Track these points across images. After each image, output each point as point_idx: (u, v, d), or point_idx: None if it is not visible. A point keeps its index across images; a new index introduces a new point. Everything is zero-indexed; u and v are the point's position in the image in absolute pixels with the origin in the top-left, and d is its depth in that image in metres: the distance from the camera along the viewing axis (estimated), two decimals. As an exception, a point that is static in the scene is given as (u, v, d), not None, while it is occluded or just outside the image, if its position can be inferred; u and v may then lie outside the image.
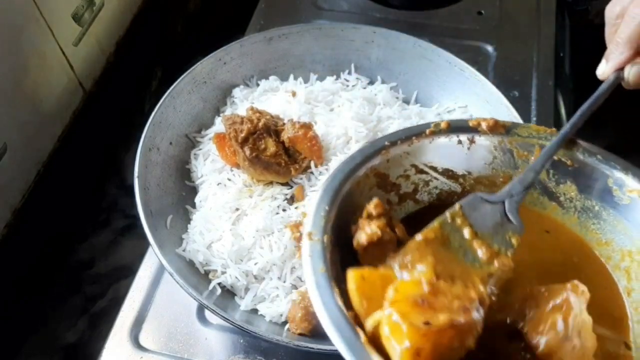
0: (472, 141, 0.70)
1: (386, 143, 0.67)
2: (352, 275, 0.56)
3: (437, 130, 0.69)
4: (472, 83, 0.97)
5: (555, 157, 0.69)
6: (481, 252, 0.61)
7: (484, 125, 0.70)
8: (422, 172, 0.71)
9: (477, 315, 0.54)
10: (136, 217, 0.81)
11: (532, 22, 1.26)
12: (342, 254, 0.61)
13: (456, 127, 0.70)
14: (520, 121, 0.90)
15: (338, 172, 0.64)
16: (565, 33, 1.34)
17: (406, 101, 1.03)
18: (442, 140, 0.70)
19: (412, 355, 0.50)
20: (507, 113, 0.92)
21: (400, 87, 1.03)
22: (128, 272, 1.00)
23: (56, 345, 1.01)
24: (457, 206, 0.63)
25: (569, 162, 0.69)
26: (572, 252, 0.70)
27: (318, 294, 0.54)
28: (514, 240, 0.63)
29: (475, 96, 0.97)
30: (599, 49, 0.80)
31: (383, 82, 1.04)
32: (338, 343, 0.51)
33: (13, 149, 0.93)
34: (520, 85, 1.14)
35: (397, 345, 0.50)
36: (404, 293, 0.54)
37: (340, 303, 0.53)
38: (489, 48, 1.21)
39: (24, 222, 0.98)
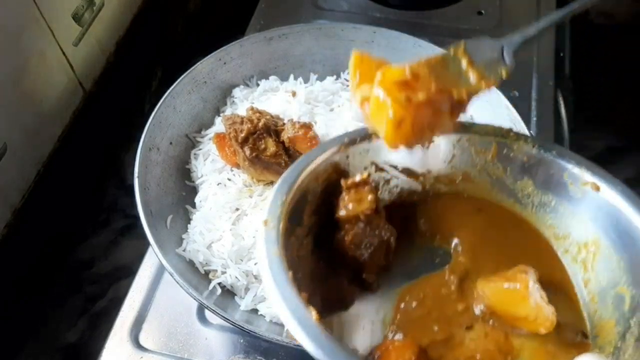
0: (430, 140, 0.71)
1: (346, 140, 0.68)
2: (354, 55, 0.64)
3: None
4: (472, 83, 0.97)
5: (511, 154, 0.71)
6: (473, 77, 0.67)
7: None
8: (382, 170, 0.71)
9: (445, 108, 0.63)
10: (136, 217, 0.81)
11: (532, 22, 1.26)
12: (314, 233, 0.64)
13: None
14: (521, 121, 0.90)
15: (298, 164, 0.65)
16: (565, 33, 1.34)
17: (406, 101, 1.03)
18: None
19: (394, 124, 0.59)
20: (507, 113, 0.92)
21: (400, 87, 1.03)
22: (128, 272, 1.00)
23: (56, 346, 1.01)
24: (462, 42, 0.68)
25: (525, 159, 0.70)
26: (528, 244, 0.72)
27: (271, 274, 0.55)
28: (503, 72, 0.68)
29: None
30: (599, 49, 0.80)
31: (383, 82, 1.04)
32: (290, 322, 0.52)
33: (13, 149, 0.93)
34: (520, 85, 1.14)
35: (383, 118, 0.60)
36: (390, 77, 0.61)
37: (293, 284, 0.55)
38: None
39: (24, 222, 0.98)
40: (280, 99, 0.98)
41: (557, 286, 0.67)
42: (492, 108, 0.95)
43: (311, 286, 0.60)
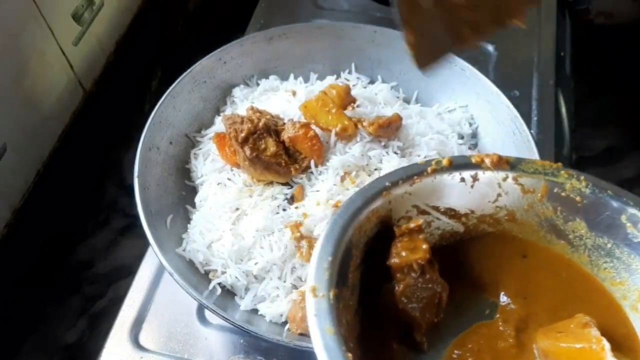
0: (475, 179, 0.67)
1: (387, 184, 0.64)
2: None
3: (439, 169, 0.67)
4: (473, 82, 0.97)
5: (563, 194, 0.67)
6: None
7: (487, 162, 0.67)
8: (424, 212, 0.68)
9: None
10: (136, 217, 0.81)
11: (532, 21, 1.26)
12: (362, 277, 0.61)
13: (458, 165, 0.67)
14: (521, 120, 0.90)
15: (338, 217, 0.60)
16: (565, 32, 1.34)
17: (407, 101, 1.03)
18: (445, 178, 0.67)
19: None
20: (508, 112, 0.92)
21: (400, 86, 1.03)
22: (128, 272, 1.00)
23: (56, 345, 1.01)
24: None
25: (577, 199, 0.66)
26: (581, 289, 0.68)
27: (327, 358, 0.51)
28: None
29: (476, 96, 0.97)
30: (599, 49, 0.80)
31: (383, 81, 1.04)
32: None
33: (13, 149, 0.93)
34: (520, 85, 1.14)
35: None
36: None
37: None
38: (490, 47, 1.21)
39: (24, 222, 0.98)
40: (280, 99, 0.97)
41: (620, 340, 0.63)
42: (492, 108, 0.95)
43: (359, 351, 0.56)
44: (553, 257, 0.66)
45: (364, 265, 0.63)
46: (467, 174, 0.67)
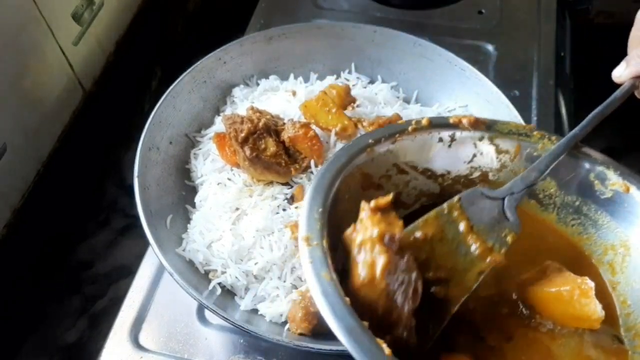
0: (453, 138, 0.70)
1: (370, 141, 0.66)
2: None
3: (419, 128, 0.69)
4: (473, 82, 0.97)
5: (535, 154, 0.69)
6: (475, 247, 0.62)
7: (464, 122, 0.70)
8: (403, 171, 0.70)
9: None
10: (136, 217, 0.81)
11: (532, 21, 1.26)
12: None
13: (437, 124, 0.70)
14: (521, 120, 0.90)
15: (326, 170, 0.62)
16: (565, 32, 1.34)
17: (407, 100, 1.03)
18: (425, 137, 0.69)
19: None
20: (508, 112, 0.92)
21: (400, 86, 1.03)
22: (128, 272, 1.00)
23: (56, 345, 1.01)
24: (455, 198, 0.63)
25: None
26: (551, 242, 0.71)
27: (327, 304, 0.51)
28: (509, 238, 0.63)
29: (476, 95, 0.97)
30: (599, 49, 0.80)
31: (383, 81, 1.04)
32: (361, 358, 0.48)
33: (13, 149, 0.93)
34: (520, 85, 1.14)
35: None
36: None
37: (353, 313, 0.51)
38: (490, 47, 1.21)
39: (24, 222, 0.98)
40: (280, 99, 0.97)
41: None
42: (492, 107, 0.95)
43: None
44: (523, 214, 0.67)
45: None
46: (445, 134, 0.70)
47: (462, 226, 0.62)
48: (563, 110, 1.19)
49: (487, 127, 0.70)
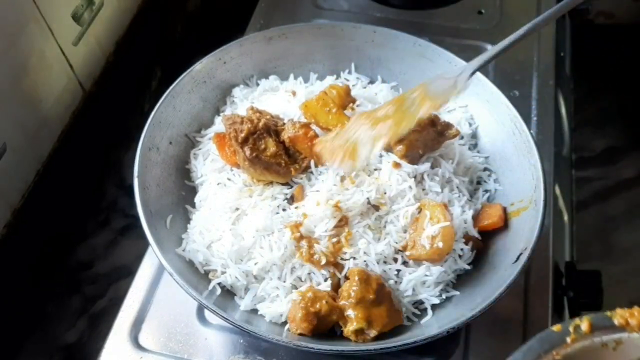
0: (619, 342, 0.62)
1: None
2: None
3: (579, 337, 0.62)
4: (473, 82, 0.97)
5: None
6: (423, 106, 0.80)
7: (632, 323, 0.62)
8: None
9: None
10: (136, 217, 0.81)
11: (532, 20, 1.26)
12: None
13: (599, 327, 0.62)
14: (521, 120, 0.90)
15: None
16: (565, 33, 1.34)
17: (406, 101, 1.03)
18: (585, 344, 0.62)
19: None
20: (507, 113, 0.92)
21: (400, 86, 1.03)
22: (128, 272, 1.00)
23: (56, 346, 1.01)
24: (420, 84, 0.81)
25: None
26: None
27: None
28: (452, 94, 0.81)
29: (476, 96, 0.97)
30: (599, 49, 0.80)
31: (383, 81, 1.04)
32: None
33: (13, 149, 0.93)
34: (520, 85, 1.14)
35: None
36: None
37: None
38: (489, 47, 1.20)
39: (24, 222, 0.98)
40: (280, 99, 0.97)
41: None
42: (492, 107, 0.95)
43: None
44: None
45: None
46: (608, 338, 0.62)
47: (416, 94, 0.81)
48: (563, 110, 1.19)
49: None
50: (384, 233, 0.83)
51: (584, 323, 0.62)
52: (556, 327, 0.63)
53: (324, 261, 0.80)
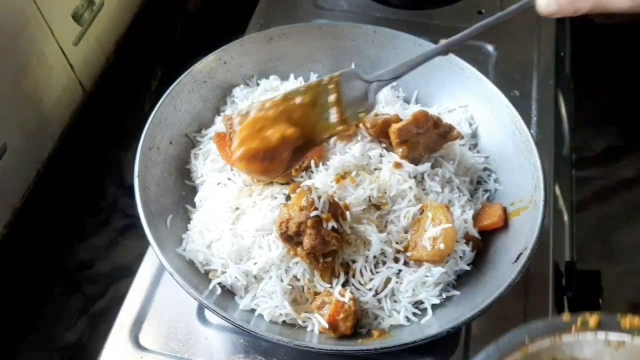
0: (621, 344, 0.63)
1: (526, 339, 0.62)
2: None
3: (584, 328, 0.63)
4: (473, 82, 0.97)
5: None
6: (335, 116, 0.80)
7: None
8: None
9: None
10: (136, 217, 0.81)
11: (532, 21, 1.26)
12: None
13: (605, 325, 0.63)
14: (521, 120, 0.90)
15: None
16: (565, 33, 1.34)
17: (407, 100, 1.03)
18: (588, 337, 0.63)
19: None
20: (507, 112, 0.92)
21: (400, 86, 1.03)
22: (128, 272, 1.00)
23: (56, 345, 1.01)
24: (337, 73, 0.80)
25: None
26: None
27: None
28: (361, 115, 0.81)
29: (476, 96, 0.97)
30: (599, 49, 0.80)
31: (383, 81, 1.04)
32: None
33: (13, 149, 0.93)
34: (520, 85, 1.14)
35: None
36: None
37: None
38: (490, 47, 1.21)
39: (24, 222, 0.98)
40: (280, 99, 0.97)
41: None
42: (492, 107, 0.95)
43: None
44: None
45: None
46: (613, 337, 0.63)
47: (332, 97, 0.80)
48: (563, 110, 1.19)
49: None
50: (386, 232, 0.83)
51: (592, 319, 0.63)
52: (564, 317, 0.64)
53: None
